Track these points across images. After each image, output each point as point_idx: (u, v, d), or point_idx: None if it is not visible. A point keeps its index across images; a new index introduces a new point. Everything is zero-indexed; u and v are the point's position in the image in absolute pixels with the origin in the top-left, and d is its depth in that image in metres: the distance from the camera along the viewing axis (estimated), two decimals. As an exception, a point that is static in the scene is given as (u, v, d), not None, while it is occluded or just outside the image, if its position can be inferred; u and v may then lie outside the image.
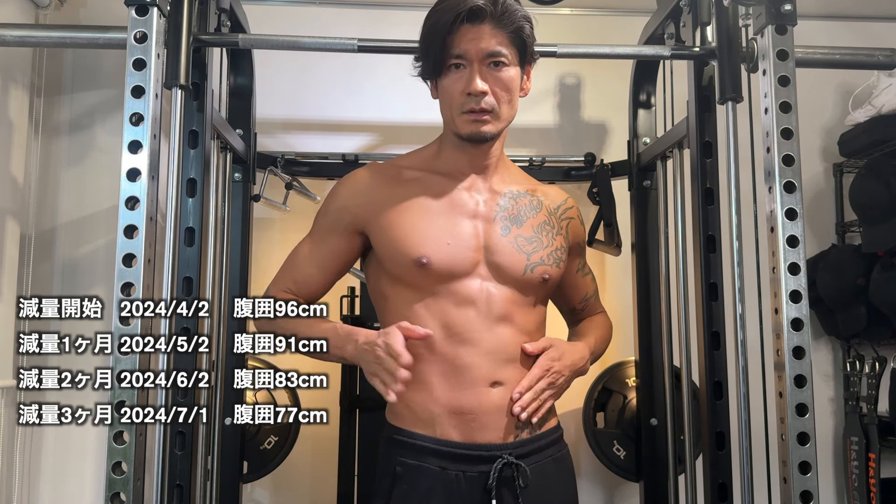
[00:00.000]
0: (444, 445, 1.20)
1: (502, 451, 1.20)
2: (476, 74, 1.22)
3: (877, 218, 2.12)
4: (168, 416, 1.37)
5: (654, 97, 2.09)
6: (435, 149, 1.37)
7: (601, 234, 2.10)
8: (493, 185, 1.33)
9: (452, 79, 1.24)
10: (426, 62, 1.28)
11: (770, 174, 1.43)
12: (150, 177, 1.32)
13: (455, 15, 1.20)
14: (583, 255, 1.48)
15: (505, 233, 1.29)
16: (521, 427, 1.23)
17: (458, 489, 1.19)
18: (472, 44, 1.21)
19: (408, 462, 1.21)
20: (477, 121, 1.24)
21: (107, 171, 2.13)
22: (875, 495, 2.13)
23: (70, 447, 2.08)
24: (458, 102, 1.24)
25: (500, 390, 1.22)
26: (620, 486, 2.22)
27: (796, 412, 1.35)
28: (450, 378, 1.21)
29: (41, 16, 2.05)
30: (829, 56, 1.68)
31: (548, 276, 1.29)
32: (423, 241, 1.24)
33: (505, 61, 1.24)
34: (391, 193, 1.29)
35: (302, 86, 2.27)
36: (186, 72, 1.42)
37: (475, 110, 1.23)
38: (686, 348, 1.81)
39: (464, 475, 1.19)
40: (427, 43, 1.25)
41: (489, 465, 1.19)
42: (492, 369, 1.22)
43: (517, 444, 1.22)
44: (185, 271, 1.55)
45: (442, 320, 1.23)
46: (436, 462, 1.20)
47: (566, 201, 1.42)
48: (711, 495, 1.55)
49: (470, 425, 1.20)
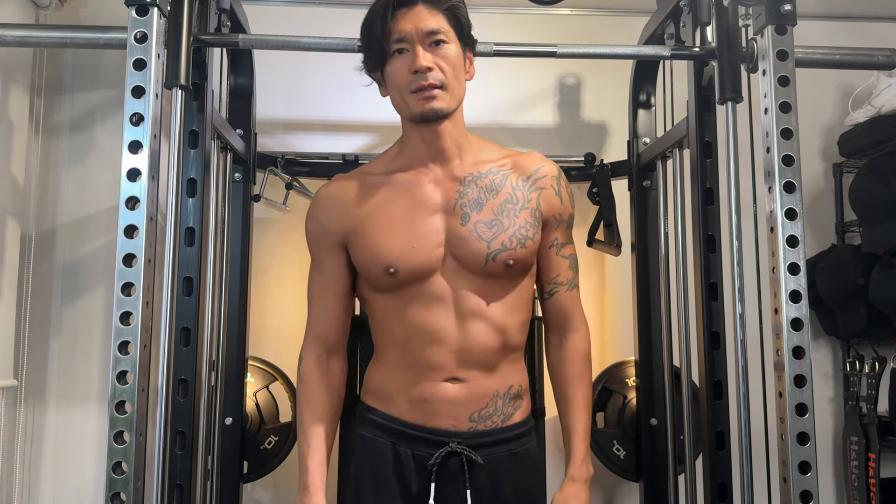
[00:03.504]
0: (396, 423, 1.28)
1: (452, 439, 1.25)
2: (419, 52, 1.23)
3: (876, 218, 2.12)
4: (167, 415, 1.38)
5: (654, 97, 2.09)
6: (396, 149, 1.38)
7: (601, 234, 2.10)
8: (454, 171, 1.31)
9: (397, 64, 1.25)
10: (370, 56, 1.29)
11: (770, 174, 1.43)
12: (150, 177, 1.32)
13: (387, 1, 1.23)
14: (561, 231, 1.38)
15: (465, 221, 1.27)
16: (479, 419, 1.26)
17: (406, 466, 1.26)
18: (410, 24, 1.23)
19: (365, 435, 1.31)
20: (427, 97, 1.23)
21: (107, 171, 2.14)
22: (875, 495, 2.13)
23: (70, 447, 2.09)
24: (405, 83, 1.24)
25: (460, 386, 1.26)
26: (620, 486, 2.22)
27: (796, 412, 1.35)
28: (412, 371, 1.27)
29: (41, 16, 2.05)
30: (829, 56, 1.68)
31: (512, 260, 1.26)
32: (389, 250, 1.26)
33: (444, 38, 1.25)
34: (359, 204, 1.31)
35: (302, 86, 2.27)
36: (186, 72, 1.42)
37: (424, 86, 1.22)
38: (686, 348, 1.81)
39: (412, 453, 1.26)
40: (367, 36, 1.28)
41: (437, 449, 1.24)
42: (455, 368, 1.26)
43: (470, 435, 1.26)
44: (185, 271, 1.55)
45: (413, 321, 1.27)
46: (387, 437, 1.28)
47: (539, 170, 1.34)
48: (711, 495, 1.56)
49: (422, 410, 1.26)
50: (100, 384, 2.10)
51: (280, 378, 2.05)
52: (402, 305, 1.28)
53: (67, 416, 2.09)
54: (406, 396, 1.28)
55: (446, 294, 1.26)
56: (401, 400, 1.28)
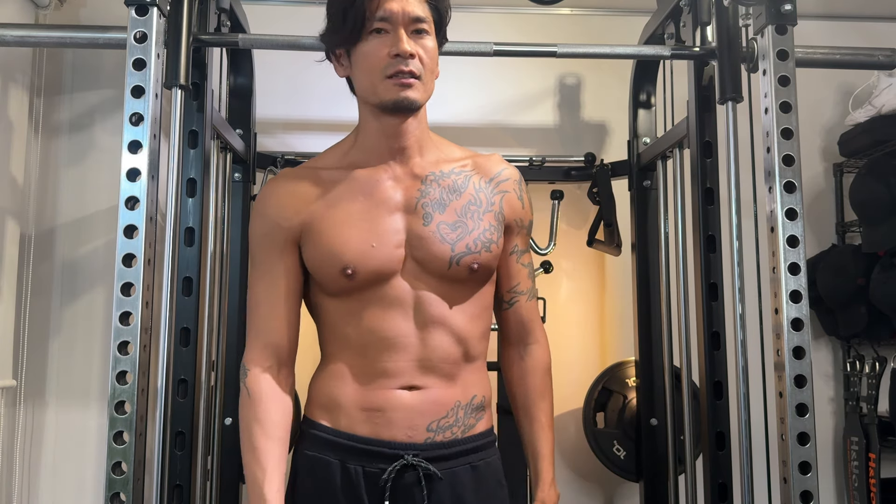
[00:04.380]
0: (347, 439, 1.16)
1: (407, 451, 1.14)
2: (403, 35, 1.13)
3: (877, 218, 2.12)
4: (167, 415, 1.38)
5: (654, 97, 2.09)
6: (350, 141, 1.27)
7: (601, 234, 2.10)
8: (414, 169, 1.22)
9: (374, 44, 1.14)
10: (341, 30, 1.17)
11: (770, 174, 1.43)
12: (150, 177, 1.32)
13: None
14: (521, 238, 1.30)
15: (427, 222, 1.18)
16: (437, 430, 1.16)
17: (355, 485, 1.14)
18: (398, 5, 1.13)
19: (308, 454, 1.18)
20: (404, 84, 1.13)
21: (107, 171, 2.13)
22: (875, 495, 2.13)
23: (70, 447, 2.09)
24: (381, 66, 1.14)
25: (417, 394, 1.16)
26: (620, 486, 2.22)
27: (796, 412, 1.35)
28: (366, 378, 1.17)
29: (41, 16, 2.05)
30: (829, 56, 1.68)
31: (476, 264, 1.18)
32: (346, 249, 1.16)
33: (426, 29, 1.17)
34: (312, 200, 1.20)
35: (302, 86, 2.27)
36: (186, 72, 1.42)
37: (403, 72, 1.13)
38: (686, 348, 1.81)
39: (363, 470, 1.14)
40: (343, 7, 1.16)
41: (391, 463, 1.13)
42: (412, 376, 1.16)
43: (427, 447, 1.15)
44: (185, 271, 1.55)
45: (370, 327, 1.17)
46: (334, 455, 1.16)
47: (501, 172, 1.26)
48: (711, 495, 1.55)
49: (376, 421, 1.15)
50: (99, 384, 2.10)
51: (280, 378, 2.04)
52: (358, 310, 1.17)
53: (67, 416, 2.09)
54: (357, 406, 1.16)
55: (406, 298, 1.17)
56: (351, 410, 1.16)
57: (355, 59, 1.18)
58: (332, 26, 1.20)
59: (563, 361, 2.21)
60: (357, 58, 1.18)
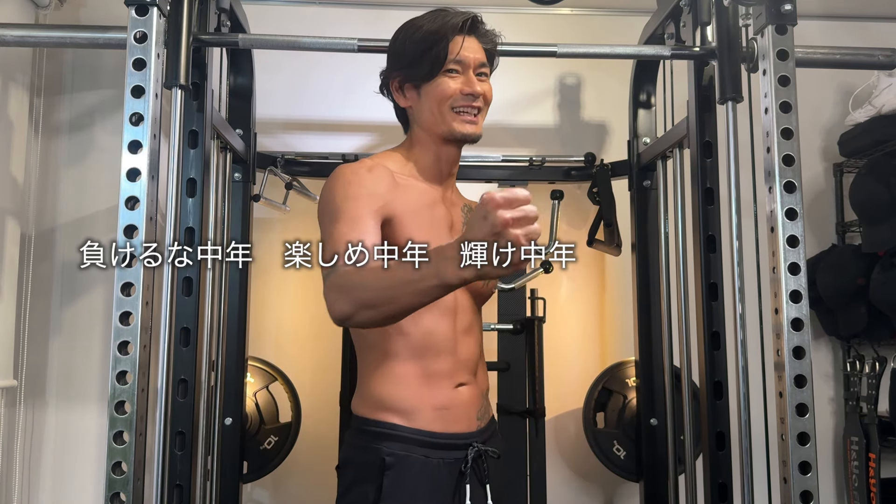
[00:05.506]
0: (426, 436, 1.30)
1: (471, 439, 1.33)
2: (473, 78, 1.33)
3: (877, 218, 2.12)
4: (167, 415, 1.38)
5: (654, 97, 2.09)
6: (403, 154, 1.39)
7: (601, 234, 2.10)
8: (453, 197, 1.42)
9: (448, 82, 1.32)
10: (418, 66, 1.33)
11: (770, 174, 1.43)
12: (150, 177, 1.32)
13: (462, 22, 1.32)
14: None
15: None
16: (480, 418, 1.38)
17: (439, 474, 1.29)
18: (471, 52, 1.33)
19: (397, 452, 1.28)
20: (471, 121, 1.33)
21: (107, 171, 2.13)
22: (875, 495, 2.13)
23: (70, 447, 2.09)
24: (451, 100, 1.32)
25: (464, 389, 1.35)
26: (620, 486, 2.22)
27: (796, 412, 1.35)
28: (426, 380, 1.31)
29: (41, 16, 2.05)
30: (829, 56, 1.68)
31: (497, 288, 1.43)
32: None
33: (486, 73, 1.37)
34: (396, 191, 1.30)
35: (302, 86, 2.27)
36: (186, 72, 1.42)
37: (471, 107, 1.32)
38: (686, 348, 1.81)
39: (443, 462, 1.30)
40: (423, 49, 1.31)
41: (462, 452, 1.31)
42: (460, 374, 1.35)
43: (479, 433, 1.36)
44: (185, 272, 1.55)
45: (427, 330, 1.31)
46: (421, 451, 1.29)
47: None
48: (711, 495, 1.55)
49: (446, 418, 1.31)
50: (100, 384, 2.10)
51: (280, 378, 2.05)
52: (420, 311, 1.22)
53: (67, 416, 2.09)
54: (429, 406, 1.30)
55: (452, 306, 1.34)
56: (425, 411, 1.30)
57: (425, 93, 1.34)
58: (407, 62, 1.34)
59: (563, 361, 2.22)
60: (428, 91, 1.34)
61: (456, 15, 1.33)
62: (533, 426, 1.93)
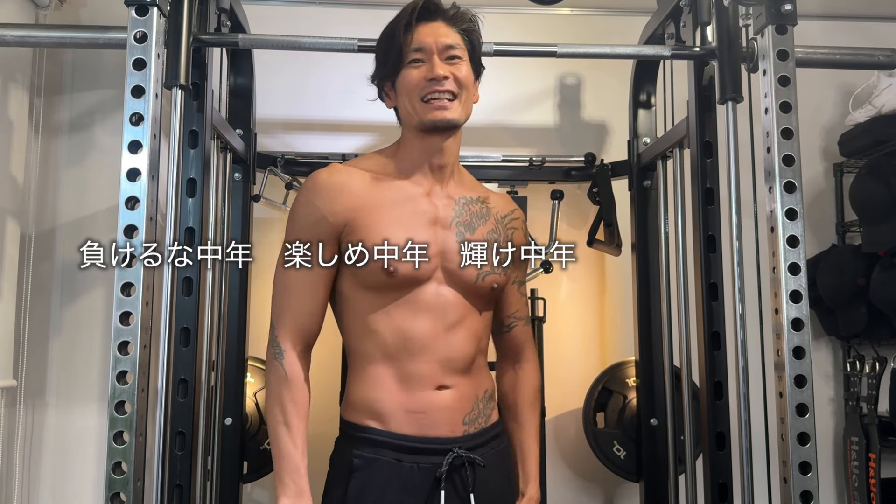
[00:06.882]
0: (399, 439, 1.26)
1: (453, 445, 1.27)
2: (437, 62, 1.28)
3: (877, 218, 2.12)
4: (167, 415, 1.38)
5: (654, 97, 2.09)
6: (392, 152, 1.38)
7: (601, 234, 2.10)
8: (448, 189, 1.35)
9: (412, 72, 1.29)
10: (385, 64, 1.32)
11: (770, 174, 1.43)
12: (150, 177, 1.32)
13: (411, 11, 1.29)
14: (521, 270, 1.46)
15: (459, 239, 1.31)
16: (469, 423, 1.30)
17: (412, 479, 1.25)
18: (430, 37, 1.29)
19: (365, 455, 1.26)
20: (441, 107, 1.27)
21: (107, 171, 2.13)
22: (875, 495, 2.13)
23: (70, 447, 2.09)
24: (417, 89, 1.28)
25: (448, 392, 1.28)
26: (620, 486, 2.22)
27: (796, 412, 1.35)
28: (402, 381, 1.27)
29: (41, 16, 2.05)
30: (829, 56, 1.68)
31: (496, 284, 1.33)
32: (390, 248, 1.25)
33: (460, 55, 1.30)
34: (360, 197, 1.29)
35: (302, 86, 2.27)
36: (186, 72, 1.42)
37: (438, 92, 1.27)
38: (686, 348, 1.81)
39: (417, 466, 1.25)
40: (386, 45, 1.32)
41: (441, 458, 1.25)
42: (441, 376, 1.28)
43: (465, 438, 1.29)
44: (185, 271, 1.55)
45: (400, 329, 1.27)
46: (391, 455, 1.26)
47: (513, 211, 1.44)
48: (711, 495, 1.55)
49: (421, 422, 1.27)
50: (100, 384, 2.10)
51: (280, 378, 2.04)
52: (390, 307, 1.27)
53: (67, 416, 2.09)
54: (402, 409, 1.27)
55: (434, 303, 1.29)
56: (398, 414, 1.26)
57: (399, 87, 1.32)
58: (380, 62, 1.35)
59: (563, 361, 2.22)
60: (399, 86, 1.31)
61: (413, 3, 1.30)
62: (533, 426, 1.93)
